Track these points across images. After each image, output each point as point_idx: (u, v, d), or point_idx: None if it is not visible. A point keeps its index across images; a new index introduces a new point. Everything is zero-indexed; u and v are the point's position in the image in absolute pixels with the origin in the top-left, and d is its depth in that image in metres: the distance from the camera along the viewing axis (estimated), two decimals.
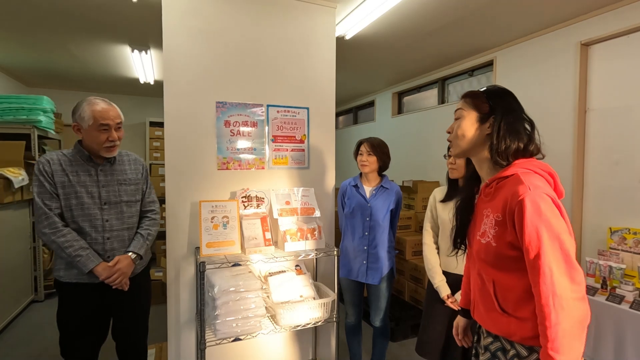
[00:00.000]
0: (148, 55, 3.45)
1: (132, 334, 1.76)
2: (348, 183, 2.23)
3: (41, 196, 1.54)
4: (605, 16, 2.44)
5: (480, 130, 1.04)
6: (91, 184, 1.61)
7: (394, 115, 4.80)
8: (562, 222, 0.89)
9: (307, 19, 2.19)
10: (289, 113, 2.17)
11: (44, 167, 1.56)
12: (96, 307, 1.63)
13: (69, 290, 1.59)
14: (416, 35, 2.96)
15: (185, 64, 1.93)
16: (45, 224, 1.52)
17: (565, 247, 0.87)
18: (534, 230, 0.87)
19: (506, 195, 0.93)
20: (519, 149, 0.98)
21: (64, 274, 1.58)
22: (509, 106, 1.03)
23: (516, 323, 0.96)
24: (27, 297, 3.39)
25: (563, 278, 0.85)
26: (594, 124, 2.59)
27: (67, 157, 1.61)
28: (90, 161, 1.63)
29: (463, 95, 1.10)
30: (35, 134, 3.33)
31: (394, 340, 2.79)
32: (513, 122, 1.00)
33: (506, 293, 0.98)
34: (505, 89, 1.08)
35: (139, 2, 2.35)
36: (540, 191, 0.89)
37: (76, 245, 1.53)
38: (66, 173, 1.58)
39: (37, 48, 3.36)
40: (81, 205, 1.58)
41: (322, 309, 1.88)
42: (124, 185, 1.69)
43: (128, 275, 1.63)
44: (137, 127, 5.31)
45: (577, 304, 0.85)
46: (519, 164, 0.97)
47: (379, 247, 2.10)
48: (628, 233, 2.24)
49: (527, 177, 0.92)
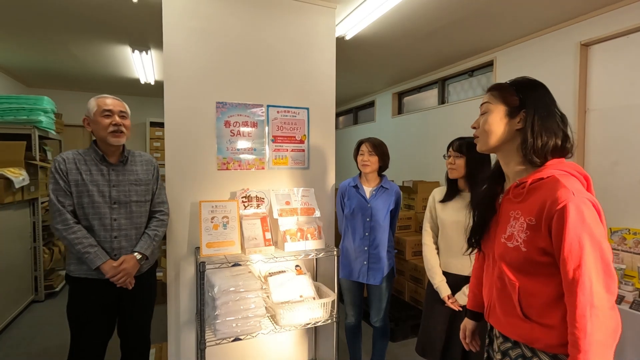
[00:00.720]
0: (148, 55, 3.46)
1: (136, 331, 1.80)
2: (347, 184, 2.22)
3: (55, 193, 1.60)
4: (605, 16, 2.45)
5: (510, 126, 0.97)
6: (103, 183, 1.66)
7: (394, 116, 4.80)
8: (602, 229, 0.85)
9: (307, 19, 2.20)
10: (289, 113, 2.17)
11: (59, 165, 1.62)
12: (104, 302, 1.67)
13: (78, 284, 1.65)
14: (416, 36, 2.96)
15: (185, 64, 1.94)
16: (58, 220, 1.58)
17: (606, 256, 0.83)
18: (576, 239, 0.82)
19: (544, 199, 0.87)
20: (557, 147, 0.93)
21: (74, 269, 1.63)
22: (542, 99, 0.96)
23: (541, 330, 0.91)
24: (28, 297, 3.39)
25: (601, 288, 0.82)
26: (594, 124, 2.59)
27: (82, 156, 1.67)
28: (104, 161, 1.68)
29: (489, 88, 1.03)
30: (36, 134, 3.34)
31: (394, 340, 2.79)
32: (547, 117, 0.94)
33: (531, 299, 0.93)
34: (536, 80, 1.01)
35: (139, 3, 2.35)
36: (583, 196, 0.84)
37: (85, 242, 1.58)
38: (80, 172, 1.63)
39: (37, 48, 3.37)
40: (92, 203, 1.63)
41: (322, 309, 1.88)
42: (134, 186, 1.73)
43: (132, 274, 1.66)
44: (137, 127, 5.32)
45: (611, 314, 0.82)
46: (552, 164, 0.92)
47: (380, 247, 2.10)
48: (628, 233, 2.24)
49: (567, 180, 0.87)
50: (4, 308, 2.95)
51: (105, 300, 1.67)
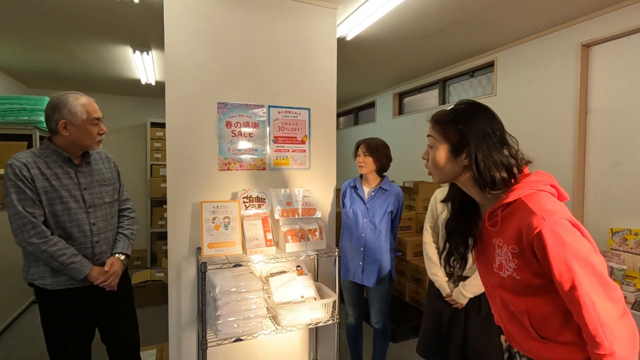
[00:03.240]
0: (149, 56, 3.46)
1: (123, 334, 1.74)
2: (348, 184, 2.24)
3: (22, 203, 1.43)
4: (606, 17, 2.45)
5: (457, 163, 0.95)
6: (73, 187, 1.54)
7: (395, 116, 4.80)
8: (586, 243, 0.83)
9: (308, 20, 2.20)
10: (290, 114, 2.17)
11: (21, 171, 1.44)
12: (87, 308, 1.60)
13: (57, 297, 1.54)
14: (417, 37, 2.96)
15: (186, 65, 1.94)
16: (32, 233, 1.44)
17: (598, 269, 0.81)
18: (563, 263, 0.80)
19: (519, 227, 0.86)
20: (505, 180, 0.90)
21: (51, 282, 1.51)
22: (480, 130, 0.92)
23: (563, 349, 0.89)
24: (28, 298, 3.40)
25: (604, 302, 0.80)
26: (595, 125, 2.59)
27: (42, 158, 1.51)
28: (69, 162, 1.55)
29: (432, 119, 1.01)
30: (37, 134, 3.34)
31: (395, 341, 2.79)
32: (490, 151, 0.90)
33: (544, 320, 0.91)
34: (473, 105, 0.96)
35: (140, 3, 2.35)
36: (556, 217, 0.82)
37: (68, 252, 1.48)
38: (46, 177, 1.48)
39: (38, 49, 3.37)
40: (68, 210, 1.51)
41: (323, 309, 1.88)
42: (104, 186, 1.65)
43: (119, 276, 1.64)
44: (138, 127, 5.32)
45: (624, 323, 0.80)
46: (517, 187, 0.90)
47: (376, 249, 2.09)
48: (629, 234, 2.24)
49: (535, 202, 0.86)
50: (5, 309, 2.95)
51: (85, 307, 1.59)
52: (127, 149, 5.10)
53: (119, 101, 5.10)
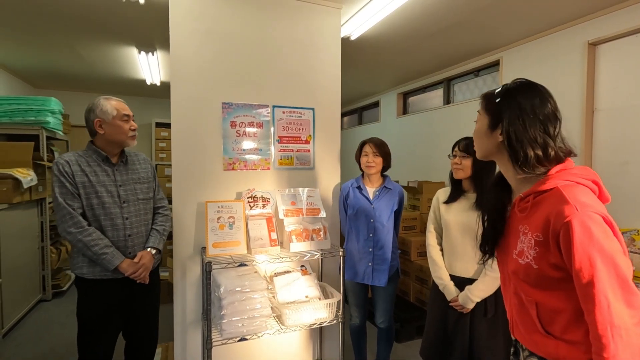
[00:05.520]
0: (154, 56, 3.48)
1: (145, 329, 1.82)
2: (350, 185, 2.20)
3: (63, 196, 1.58)
4: (613, 15, 2.42)
5: (493, 139, 0.94)
6: (110, 183, 1.68)
7: (399, 116, 4.79)
8: (615, 243, 0.79)
9: (312, 20, 2.20)
10: (295, 114, 2.17)
11: (63, 167, 1.60)
12: (115, 301, 1.69)
13: (92, 286, 1.65)
14: (421, 36, 2.95)
15: (192, 66, 1.95)
16: (70, 223, 1.57)
17: (622, 271, 0.78)
18: (586, 257, 0.77)
19: (548, 214, 0.83)
20: (539, 158, 0.87)
21: (87, 271, 1.63)
22: (519, 106, 0.90)
23: (566, 347, 0.87)
24: (35, 296, 3.43)
25: (620, 305, 0.77)
26: (602, 124, 2.57)
27: (84, 158, 1.67)
28: (107, 161, 1.70)
29: (481, 96, 1.01)
30: (44, 134, 3.37)
31: (399, 341, 2.79)
32: (527, 127, 0.88)
33: (552, 315, 0.88)
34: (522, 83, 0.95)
35: (145, 5, 2.37)
36: (589, 210, 0.79)
37: (101, 243, 1.59)
38: (85, 173, 1.63)
39: (45, 50, 3.40)
40: (102, 204, 1.64)
41: (327, 309, 1.88)
42: (138, 184, 1.76)
43: (150, 269, 1.71)
44: (143, 127, 5.35)
45: (636, 331, 0.77)
46: (556, 174, 0.87)
47: (384, 248, 2.09)
48: (637, 234, 2.22)
49: (571, 192, 0.82)
50: (12, 307, 2.98)
51: (116, 299, 1.68)
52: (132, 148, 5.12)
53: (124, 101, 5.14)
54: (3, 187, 2.87)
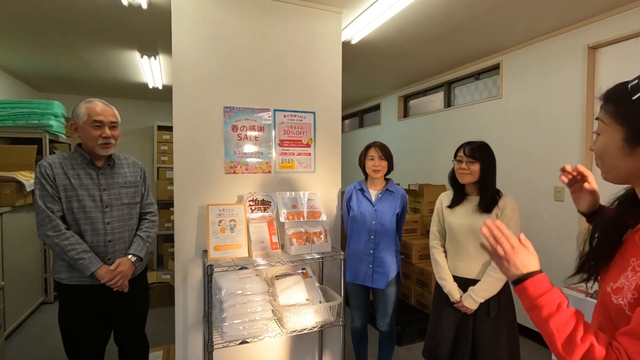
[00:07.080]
0: (157, 60, 3.50)
1: (134, 335, 1.79)
2: (353, 187, 2.24)
3: (43, 199, 1.55)
4: (613, 19, 2.43)
5: (633, 156, 0.68)
6: (93, 187, 1.63)
7: (400, 119, 4.80)
8: None
9: (313, 24, 2.22)
10: (296, 117, 2.19)
11: (45, 170, 1.56)
12: (98, 309, 1.64)
13: (70, 292, 1.60)
14: (422, 40, 2.96)
15: (193, 70, 1.96)
16: (48, 227, 1.53)
17: None
18: None
19: None
20: None
21: (65, 277, 1.59)
22: None
23: None
24: (38, 298, 3.44)
25: None
26: None
27: (68, 160, 1.63)
28: (92, 164, 1.65)
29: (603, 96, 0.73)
30: (47, 138, 3.40)
31: (401, 344, 2.78)
32: None
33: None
34: None
35: (148, 9, 2.39)
36: None
37: (79, 248, 1.54)
38: (68, 176, 1.59)
39: (48, 54, 3.43)
40: (83, 208, 1.59)
41: (328, 312, 1.88)
42: (124, 188, 1.71)
43: (129, 277, 1.65)
44: (145, 131, 5.38)
45: None
46: None
47: (385, 251, 2.10)
48: None
49: None
50: (15, 309, 2.99)
51: (99, 307, 1.64)
52: (134, 151, 5.15)
53: (126, 105, 5.18)
54: (6, 190, 2.89)
